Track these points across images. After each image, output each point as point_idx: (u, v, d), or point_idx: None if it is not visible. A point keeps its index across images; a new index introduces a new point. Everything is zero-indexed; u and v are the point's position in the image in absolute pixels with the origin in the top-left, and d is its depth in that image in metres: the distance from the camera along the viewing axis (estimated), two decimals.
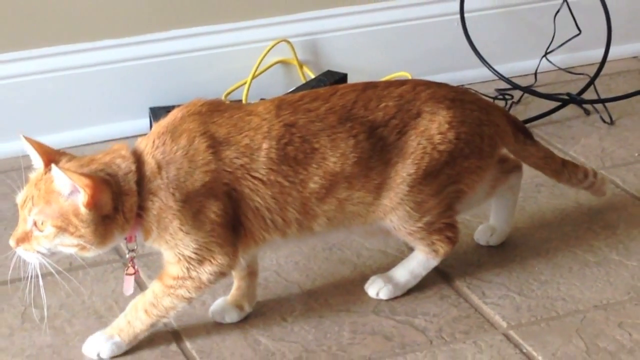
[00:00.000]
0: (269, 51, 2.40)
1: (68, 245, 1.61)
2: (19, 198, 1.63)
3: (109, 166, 1.63)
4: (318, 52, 2.49)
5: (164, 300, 1.69)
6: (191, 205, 1.65)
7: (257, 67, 2.39)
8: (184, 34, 2.40)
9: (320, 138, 1.70)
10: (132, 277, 1.74)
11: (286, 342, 1.74)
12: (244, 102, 2.32)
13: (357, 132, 1.71)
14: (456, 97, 1.79)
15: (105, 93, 2.35)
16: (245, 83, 2.37)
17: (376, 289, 1.84)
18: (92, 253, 1.64)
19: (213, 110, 1.70)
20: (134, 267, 1.73)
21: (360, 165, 1.71)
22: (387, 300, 1.83)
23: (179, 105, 1.78)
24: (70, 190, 1.58)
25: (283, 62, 2.45)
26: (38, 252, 1.62)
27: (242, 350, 1.72)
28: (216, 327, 1.78)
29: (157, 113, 2.29)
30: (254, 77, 2.38)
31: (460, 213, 1.84)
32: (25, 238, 1.61)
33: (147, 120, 2.36)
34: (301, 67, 2.44)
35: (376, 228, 1.80)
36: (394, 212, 1.76)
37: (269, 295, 1.86)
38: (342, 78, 2.37)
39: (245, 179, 1.66)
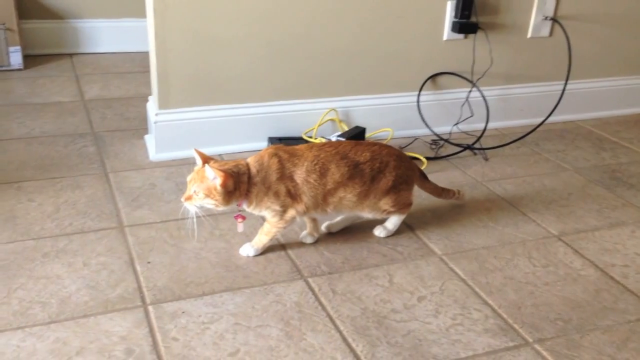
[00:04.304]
0: (325, 114, 2.44)
1: (209, 204, 1.66)
2: (188, 178, 1.68)
3: (234, 167, 1.68)
4: (350, 116, 2.51)
5: (272, 229, 1.75)
6: (272, 189, 1.70)
7: (320, 122, 2.43)
8: (286, 102, 2.42)
9: (331, 164, 1.74)
10: (242, 223, 1.79)
11: (335, 254, 1.81)
12: (313, 138, 2.35)
13: (349, 165, 1.75)
14: (398, 155, 1.82)
15: (244, 128, 2.37)
16: (313, 129, 2.41)
17: (378, 231, 1.91)
18: (221, 209, 1.68)
19: (281, 148, 1.74)
20: (242, 218, 1.78)
21: (350, 180, 1.75)
22: (384, 237, 1.90)
23: (282, 138, 1.85)
24: (214, 177, 1.63)
25: (332, 120, 2.48)
26: (195, 205, 1.67)
27: (314, 256, 1.80)
28: (302, 245, 1.85)
29: (272, 140, 2.35)
30: (318, 126, 2.42)
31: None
32: (189, 198, 1.67)
33: (266, 143, 2.39)
34: (340, 123, 2.48)
35: (360, 213, 1.83)
36: (368, 208, 1.81)
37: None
38: (362, 130, 2.38)
39: (296, 177, 1.71)
